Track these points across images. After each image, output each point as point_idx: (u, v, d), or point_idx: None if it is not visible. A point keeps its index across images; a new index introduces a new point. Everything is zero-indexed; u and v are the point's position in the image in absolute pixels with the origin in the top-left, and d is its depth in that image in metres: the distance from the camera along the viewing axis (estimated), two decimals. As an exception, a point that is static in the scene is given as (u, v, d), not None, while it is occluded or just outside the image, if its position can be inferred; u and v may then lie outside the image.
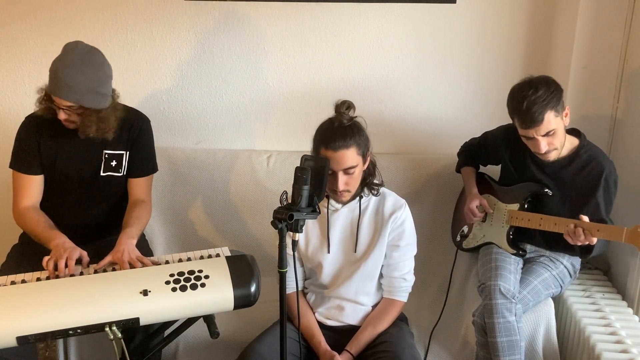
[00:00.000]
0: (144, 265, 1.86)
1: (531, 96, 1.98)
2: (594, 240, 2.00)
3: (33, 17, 2.71)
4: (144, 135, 2.23)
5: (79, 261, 1.87)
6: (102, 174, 2.17)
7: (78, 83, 1.95)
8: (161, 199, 2.69)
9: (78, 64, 1.95)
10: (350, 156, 1.86)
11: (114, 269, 1.85)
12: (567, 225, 2.03)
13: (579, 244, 2.02)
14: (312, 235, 2.05)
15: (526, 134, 2.06)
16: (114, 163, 2.17)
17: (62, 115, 2.01)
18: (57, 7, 2.70)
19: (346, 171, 1.89)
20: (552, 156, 2.10)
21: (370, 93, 2.78)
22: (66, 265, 1.81)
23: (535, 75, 2.08)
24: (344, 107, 1.89)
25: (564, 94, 2.07)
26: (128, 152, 2.19)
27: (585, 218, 2.00)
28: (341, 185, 1.90)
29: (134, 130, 2.19)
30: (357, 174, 1.92)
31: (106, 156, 2.16)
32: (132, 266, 1.84)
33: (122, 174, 2.20)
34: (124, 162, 2.19)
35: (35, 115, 2.14)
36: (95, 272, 1.83)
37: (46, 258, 1.84)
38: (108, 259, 1.88)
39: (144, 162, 2.25)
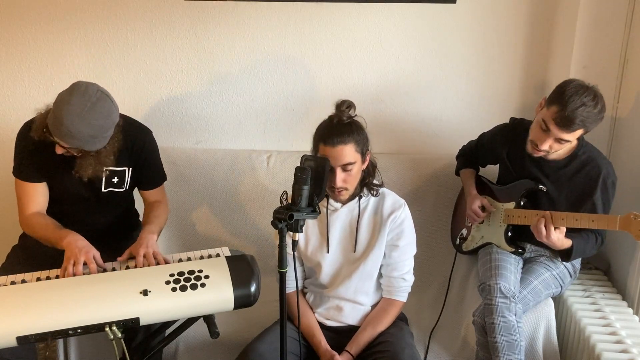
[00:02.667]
0: (157, 263, 1.87)
1: (586, 103, 1.94)
2: (553, 237, 2.01)
3: (33, 17, 2.70)
4: (149, 150, 2.18)
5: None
6: (103, 190, 2.12)
7: (82, 132, 1.84)
8: (161, 199, 2.69)
9: (85, 112, 1.82)
10: (348, 152, 1.86)
11: (114, 269, 1.86)
12: (561, 218, 2.03)
13: (546, 241, 2.05)
14: (312, 235, 2.06)
15: (548, 125, 2.01)
16: (115, 180, 2.12)
17: (59, 151, 1.93)
18: (57, 7, 2.70)
19: (344, 167, 1.89)
20: (542, 154, 2.11)
21: (370, 93, 2.77)
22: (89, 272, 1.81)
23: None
24: (344, 106, 1.90)
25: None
26: (131, 169, 2.14)
27: None
28: (339, 182, 1.90)
29: (137, 145, 2.12)
30: (356, 172, 1.92)
31: (107, 173, 2.08)
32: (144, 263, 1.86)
33: (124, 189, 2.16)
34: (127, 178, 2.15)
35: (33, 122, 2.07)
36: (127, 267, 1.85)
37: (64, 266, 1.81)
38: (127, 252, 1.90)
39: (154, 174, 2.24)
